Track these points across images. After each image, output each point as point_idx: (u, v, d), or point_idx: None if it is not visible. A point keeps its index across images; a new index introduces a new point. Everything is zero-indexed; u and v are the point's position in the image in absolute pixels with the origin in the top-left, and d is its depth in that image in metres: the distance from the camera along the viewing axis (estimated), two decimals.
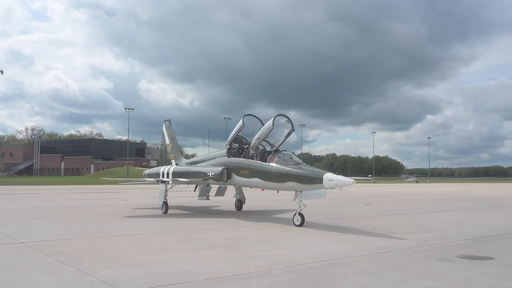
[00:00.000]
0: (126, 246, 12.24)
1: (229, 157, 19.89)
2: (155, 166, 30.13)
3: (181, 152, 28.57)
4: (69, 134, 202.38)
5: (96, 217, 20.09)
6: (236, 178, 19.06)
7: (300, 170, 15.97)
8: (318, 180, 15.14)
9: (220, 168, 19.40)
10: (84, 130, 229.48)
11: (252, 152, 18.61)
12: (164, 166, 24.51)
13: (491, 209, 27.10)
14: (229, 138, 20.24)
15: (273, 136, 19.12)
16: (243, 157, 19.09)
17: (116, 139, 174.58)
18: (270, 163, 17.12)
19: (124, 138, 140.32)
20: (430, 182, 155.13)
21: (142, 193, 41.08)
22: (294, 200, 16.43)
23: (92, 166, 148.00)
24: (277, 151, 17.65)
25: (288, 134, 18.46)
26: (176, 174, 22.60)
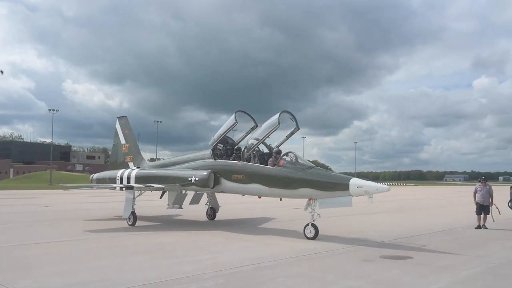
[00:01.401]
0: (46, 255, 11.56)
1: (215, 159, 17.38)
2: (77, 171, 27.75)
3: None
4: None
5: (15, 224, 18.84)
6: (227, 183, 16.54)
7: (319, 176, 14.02)
8: (343, 187, 13.24)
9: (205, 172, 16.86)
10: (3, 131, 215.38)
11: (248, 154, 16.10)
12: (122, 170, 21.19)
13: (411, 210, 28.60)
14: (216, 137, 17.58)
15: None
16: (234, 160, 16.79)
17: (39, 142, 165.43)
18: (276, 167, 14.91)
19: (48, 140, 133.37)
20: None
21: (66, 199, 39.14)
22: (306, 209, 14.45)
23: (12, 170, 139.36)
24: (279, 152, 15.52)
25: (292, 133, 16.41)
26: (141, 179, 19.45)
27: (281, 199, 16.34)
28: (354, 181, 13.15)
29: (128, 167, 21.98)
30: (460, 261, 10.87)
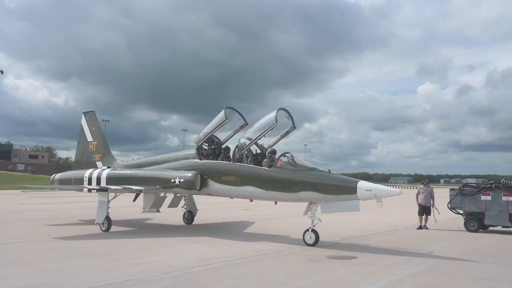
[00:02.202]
0: None
1: (200, 159, 16.15)
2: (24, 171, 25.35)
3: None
4: None
5: None
6: (215, 186, 15.30)
7: (323, 178, 13.12)
8: (350, 190, 12.47)
9: (190, 173, 15.55)
10: None
11: (240, 154, 15.04)
12: (90, 170, 19.32)
13: (359, 211, 29.40)
14: (203, 135, 16.36)
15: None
16: (222, 160, 15.74)
17: None
18: (273, 168, 13.95)
19: None
20: None
21: (4, 200, 37.35)
22: (306, 213, 13.62)
23: None
24: (274, 152, 14.57)
25: (287, 133, 15.30)
26: (114, 180, 17.72)
27: (276, 203, 15.33)
28: (363, 184, 12.46)
29: (96, 167, 20.28)
30: (402, 260, 11.29)
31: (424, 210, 18.74)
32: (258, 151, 15.51)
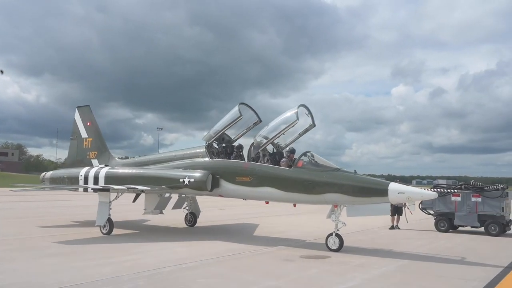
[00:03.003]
0: None
1: (211, 157, 15.21)
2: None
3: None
4: None
5: None
6: (228, 186, 14.35)
7: (351, 179, 12.41)
8: (381, 193, 11.80)
9: (201, 173, 14.58)
10: None
11: (256, 153, 14.24)
12: (87, 168, 18.29)
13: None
14: (214, 132, 15.32)
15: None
16: (234, 159, 14.85)
17: None
18: (293, 168, 13.19)
19: None
20: None
21: None
22: (329, 217, 12.87)
23: None
24: (293, 151, 14.02)
25: (306, 130, 14.49)
26: (114, 179, 16.64)
27: (295, 205, 14.47)
28: (395, 187, 11.81)
29: (92, 165, 19.14)
30: (374, 260, 11.44)
31: (396, 210, 19.02)
32: (273, 150, 14.66)
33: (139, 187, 15.36)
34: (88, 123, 20.56)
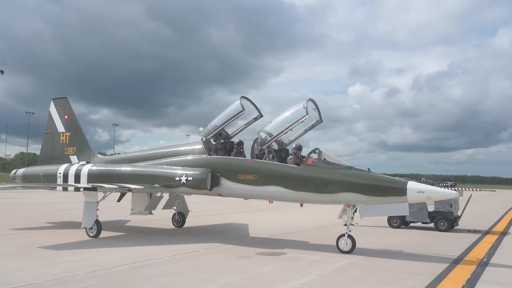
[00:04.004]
0: None
1: (209, 154, 14.28)
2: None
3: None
4: None
5: None
6: (230, 185, 13.47)
7: (366, 178, 11.79)
8: (399, 192, 11.28)
9: (200, 171, 13.68)
10: None
11: (260, 149, 13.40)
12: (65, 165, 16.99)
13: (288, 208, 29.96)
14: (212, 128, 14.46)
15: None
16: (234, 156, 14.11)
17: None
18: (302, 166, 12.48)
19: None
20: None
21: None
22: (341, 217, 12.38)
23: None
24: (300, 148, 13.34)
25: (312, 126, 13.86)
26: (98, 177, 15.56)
27: (302, 205, 13.64)
28: (413, 186, 11.36)
29: (70, 162, 17.73)
30: (329, 255, 11.67)
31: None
32: (278, 147, 14.01)
33: (132, 186, 14.30)
34: (66, 117, 19.07)
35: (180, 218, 17.64)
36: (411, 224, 18.98)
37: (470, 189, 57.93)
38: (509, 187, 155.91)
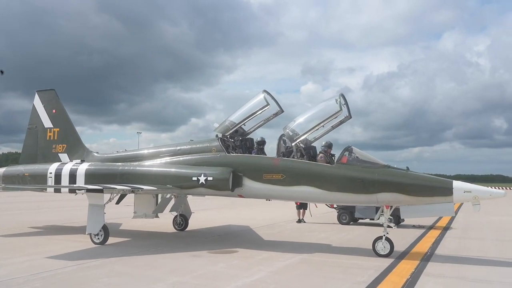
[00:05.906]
0: None
1: (228, 152, 13.26)
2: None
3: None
4: None
5: None
6: (254, 185, 12.48)
7: (409, 178, 11.08)
8: (445, 192, 10.64)
9: (222, 170, 12.61)
10: None
11: (288, 147, 12.65)
12: (56, 164, 15.52)
13: (241, 207, 30.09)
14: (230, 124, 13.43)
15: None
16: (255, 154, 13.25)
17: None
18: (337, 164, 11.65)
19: None
20: None
21: None
22: (378, 218, 11.85)
23: None
24: (330, 146, 12.55)
25: (341, 123, 12.77)
26: (99, 177, 14.27)
27: (332, 206, 12.85)
28: (460, 185, 10.67)
29: (60, 161, 16.21)
30: (280, 252, 11.80)
31: (302, 204, 19.77)
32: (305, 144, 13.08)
33: (145, 187, 13.01)
34: (54, 111, 17.27)
35: (182, 220, 16.69)
36: (360, 221, 19.50)
37: None
38: None
